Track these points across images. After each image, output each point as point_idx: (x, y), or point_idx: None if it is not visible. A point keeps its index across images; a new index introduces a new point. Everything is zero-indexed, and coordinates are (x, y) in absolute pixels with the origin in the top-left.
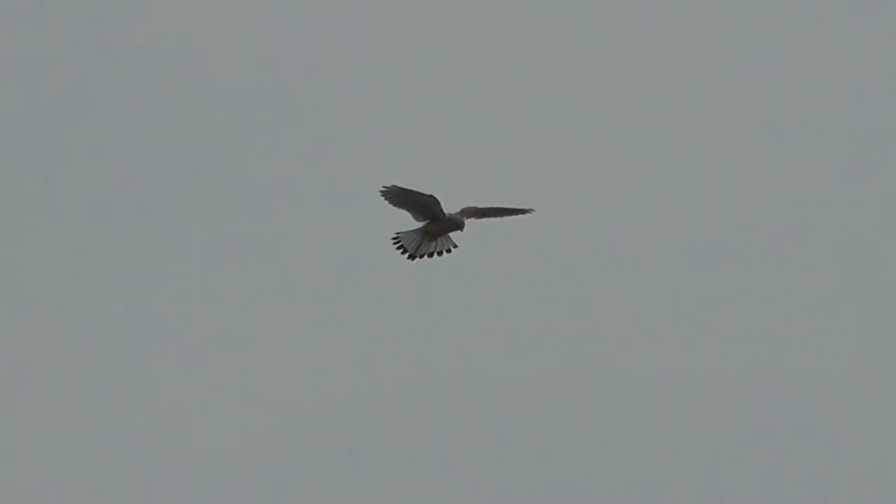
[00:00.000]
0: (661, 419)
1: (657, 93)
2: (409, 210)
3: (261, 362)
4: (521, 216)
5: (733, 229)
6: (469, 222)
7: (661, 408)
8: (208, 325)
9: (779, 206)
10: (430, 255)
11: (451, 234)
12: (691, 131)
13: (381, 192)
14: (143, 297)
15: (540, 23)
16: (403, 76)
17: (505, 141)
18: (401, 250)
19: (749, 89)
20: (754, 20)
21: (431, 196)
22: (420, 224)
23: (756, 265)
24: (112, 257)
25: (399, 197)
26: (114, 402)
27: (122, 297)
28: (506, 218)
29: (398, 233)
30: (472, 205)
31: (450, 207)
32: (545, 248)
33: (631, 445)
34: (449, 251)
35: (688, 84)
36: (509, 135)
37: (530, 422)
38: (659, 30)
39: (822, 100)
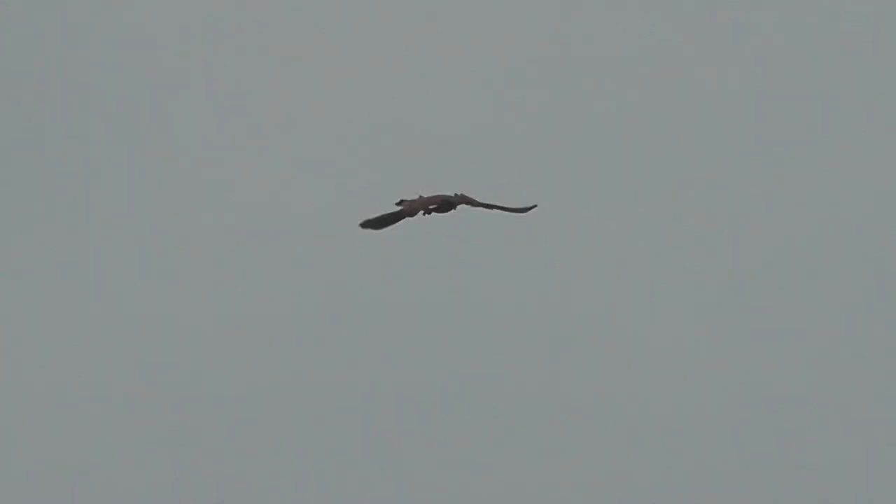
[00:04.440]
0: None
1: (656, 91)
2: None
3: None
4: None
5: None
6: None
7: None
8: None
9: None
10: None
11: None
12: (690, 131)
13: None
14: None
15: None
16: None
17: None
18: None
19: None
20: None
21: (400, 213)
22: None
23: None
24: None
25: (378, 225)
26: None
27: None
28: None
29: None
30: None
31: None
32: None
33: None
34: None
35: (686, 82)
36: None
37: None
38: (657, 29)
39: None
